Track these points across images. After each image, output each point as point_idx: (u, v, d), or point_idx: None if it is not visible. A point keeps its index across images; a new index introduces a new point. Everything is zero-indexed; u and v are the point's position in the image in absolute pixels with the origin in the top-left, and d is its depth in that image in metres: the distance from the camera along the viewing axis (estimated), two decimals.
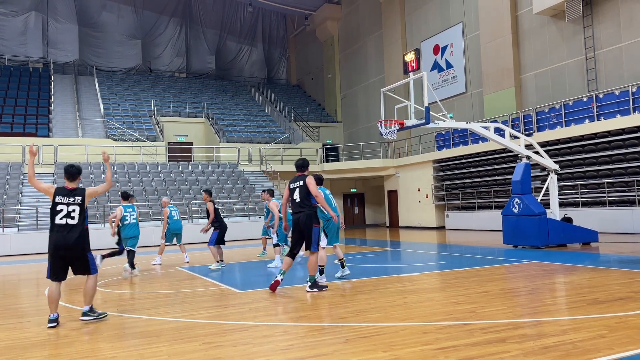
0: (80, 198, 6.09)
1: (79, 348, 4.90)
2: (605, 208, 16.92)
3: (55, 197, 6.05)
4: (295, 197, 7.75)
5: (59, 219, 5.99)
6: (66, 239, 5.95)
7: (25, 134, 26.92)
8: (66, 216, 5.99)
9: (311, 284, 7.63)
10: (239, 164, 28.76)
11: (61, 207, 6.01)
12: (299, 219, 7.64)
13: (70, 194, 6.09)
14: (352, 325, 5.36)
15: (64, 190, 6.13)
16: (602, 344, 4.29)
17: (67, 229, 5.98)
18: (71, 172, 6.26)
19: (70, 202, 6.04)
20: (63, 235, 5.97)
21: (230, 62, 43.65)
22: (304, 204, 7.64)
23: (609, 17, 18.91)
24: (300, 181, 7.75)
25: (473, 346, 4.37)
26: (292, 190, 7.81)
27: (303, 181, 7.71)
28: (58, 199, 6.03)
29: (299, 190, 7.70)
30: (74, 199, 6.06)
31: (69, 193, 6.10)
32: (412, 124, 12.39)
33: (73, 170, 6.27)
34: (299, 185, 7.74)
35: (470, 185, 23.07)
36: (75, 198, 6.07)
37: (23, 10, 36.71)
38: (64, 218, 5.99)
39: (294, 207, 7.77)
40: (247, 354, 4.47)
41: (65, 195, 6.07)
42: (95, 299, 7.90)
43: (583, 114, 18.30)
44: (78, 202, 6.06)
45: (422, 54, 28.52)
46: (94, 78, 35.82)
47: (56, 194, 6.07)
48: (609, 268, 8.85)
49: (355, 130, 35.30)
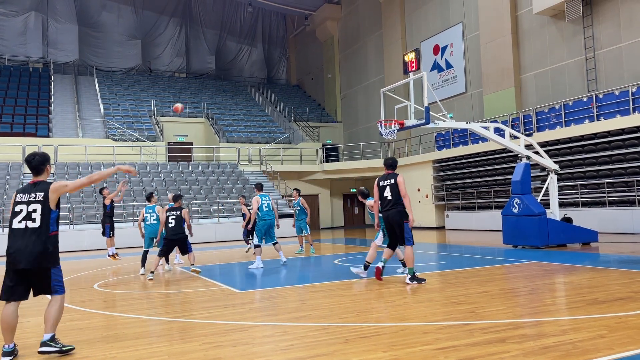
0: (43, 194, 4.62)
1: (79, 348, 4.89)
2: (605, 208, 16.92)
3: (15, 196, 4.71)
4: (386, 194, 8.06)
5: (17, 222, 4.59)
6: (25, 247, 4.52)
7: (25, 134, 26.92)
8: (25, 218, 4.60)
9: (411, 276, 7.93)
10: (239, 164, 28.77)
11: (20, 207, 4.62)
12: (389, 216, 8.00)
13: (31, 190, 4.69)
14: (352, 325, 5.36)
15: (25, 186, 4.78)
16: (602, 344, 4.29)
17: (27, 234, 4.55)
18: (32, 162, 4.79)
19: (31, 199, 4.62)
20: (22, 243, 4.53)
21: (230, 62, 43.66)
22: (394, 202, 7.97)
23: (609, 17, 18.91)
24: (391, 179, 8.07)
25: (473, 346, 4.37)
26: (382, 188, 8.11)
27: (394, 179, 8.04)
28: (18, 197, 4.67)
29: (390, 188, 8.03)
30: (35, 195, 4.63)
31: (30, 188, 4.71)
32: (412, 124, 12.39)
33: (35, 160, 4.79)
34: (389, 183, 8.07)
35: (470, 185, 23.07)
36: (37, 194, 4.63)
37: (23, 10, 36.71)
38: (22, 221, 4.59)
39: (385, 204, 8.08)
40: (247, 354, 4.47)
41: (26, 192, 4.68)
42: (96, 299, 7.90)
43: (583, 114, 18.30)
44: (39, 199, 4.62)
45: (422, 54, 28.52)
46: (94, 78, 35.82)
47: (17, 192, 4.75)
48: (609, 268, 8.85)
49: (355, 131, 35.30)
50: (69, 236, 19.77)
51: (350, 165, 28.80)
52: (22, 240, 4.53)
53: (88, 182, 4.94)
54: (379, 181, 8.24)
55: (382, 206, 8.15)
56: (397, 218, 7.94)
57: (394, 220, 7.97)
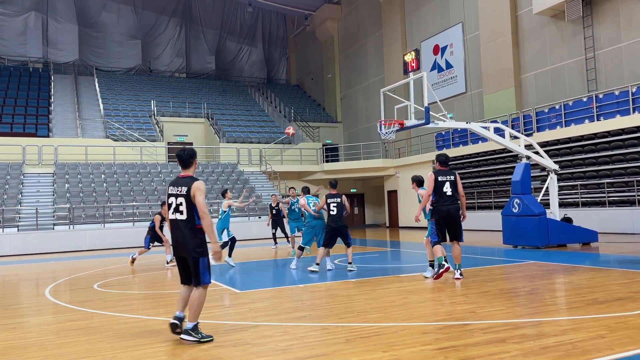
0: (187, 189, 4.97)
1: (79, 348, 4.90)
2: (605, 208, 16.92)
3: (168, 188, 5.16)
4: (445, 189, 8.11)
5: (171, 214, 5.06)
6: (178, 238, 5.03)
7: (25, 134, 26.92)
8: (175, 210, 5.02)
9: (460, 271, 8.15)
10: (239, 164, 28.77)
11: (171, 200, 5.06)
12: (450, 210, 8.08)
13: (178, 184, 5.06)
14: (352, 325, 5.36)
15: (175, 179, 5.17)
16: (602, 344, 4.29)
17: (178, 226, 5.02)
18: (183, 157, 5.19)
19: (178, 192, 5.01)
20: (176, 233, 5.04)
21: (230, 62, 43.66)
22: (456, 197, 8.13)
23: (609, 17, 18.91)
24: (450, 176, 8.19)
25: (473, 346, 4.37)
26: (442, 183, 8.12)
27: (454, 177, 8.21)
28: (170, 189, 5.10)
29: (450, 184, 8.13)
30: (181, 189, 5.00)
31: (178, 182, 5.08)
32: (412, 124, 12.38)
33: (185, 154, 5.19)
34: (449, 179, 8.16)
35: (470, 185, 23.07)
36: (182, 188, 5.00)
37: (23, 10, 36.71)
38: (174, 213, 5.03)
39: (445, 200, 8.09)
40: (247, 354, 4.48)
41: (176, 185, 5.08)
42: (96, 299, 7.90)
43: (583, 114, 18.31)
44: (184, 192, 4.98)
45: (422, 54, 28.53)
46: (93, 78, 35.82)
47: (169, 184, 5.17)
48: (609, 268, 8.85)
49: (355, 131, 35.30)
50: (69, 236, 19.78)
51: (350, 165, 28.80)
52: (176, 231, 5.00)
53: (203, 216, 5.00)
54: (437, 176, 8.16)
55: (441, 201, 8.11)
56: (457, 213, 8.12)
57: (455, 215, 8.10)
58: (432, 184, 8.14)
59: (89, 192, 22.57)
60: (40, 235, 19.58)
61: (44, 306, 7.54)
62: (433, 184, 8.13)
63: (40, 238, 19.51)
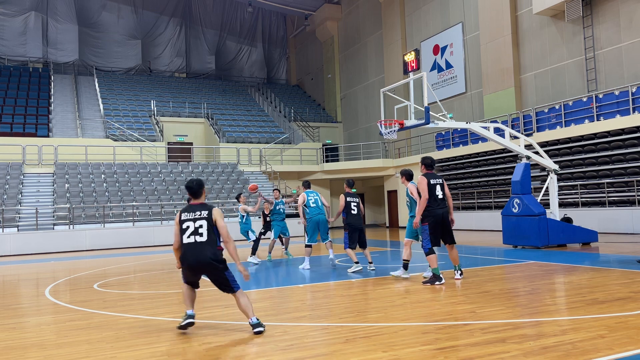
0: (207, 212, 5.42)
1: (79, 348, 4.90)
2: (604, 208, 16.92)
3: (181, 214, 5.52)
4: (437, 193, 8.00)
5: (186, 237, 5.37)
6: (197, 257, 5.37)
7: (25, 134, 26.92)
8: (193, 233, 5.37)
9: (434, 276, 7.91)
10: (239, 164, 28.77)
11: (187, 224, 5.39)
12: (444, 214, 8.00)
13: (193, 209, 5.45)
14: (352, 325, 5.36)
15: (189, 206, 5.55)
16: (602, 344, 4.29)
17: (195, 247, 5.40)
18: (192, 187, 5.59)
19: (197, 217, 5.40)
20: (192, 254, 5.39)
21: (230, 62, 43.66)
22: (445, 200, 8.07)
23: (609, 17, 18.91)
24: (439, 179, 8.12)
25: (473, 346, 4.37)
26: (434, 187, 7.98)
27: (442, 180, 8.18)
28: (184, 215, 5.47)
29: (440, 187, 8.05)
30: (199, 213, 5.41)
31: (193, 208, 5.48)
32: (412, 124, 12.39)
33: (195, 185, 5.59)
34: (439, 182, 8.08)
35: (470, 185, 23.07)
36: (201, 212, 5.42)
37: (23, 10, 36.71)
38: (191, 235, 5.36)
39: (438, 203, 7.97)
40: (247, 354, 4.48)
41: (191, 211, 5.45)
42: (96, 299, 7.91)
43: (583, 114, 18.31)
44: (204, 216, 5.40)
45: (422, 54, 28.53)
46: (93, 78, 35.82)
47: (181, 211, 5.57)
48: (609, 268, 8.85)
49: (355, 131, 35.30)
50: (69, 236, 19.78)
51: (350, 165, 28.79)
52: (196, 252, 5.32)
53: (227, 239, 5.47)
54: (428, 179, 7.97)
55: (435, 205, 7.92)
56: (448, 217, 8.07)
57: (447, 218, 8.04)
58: (426, 188, 7.90)
59: (89, 192, 22.57)
60: (40, 235, 19.58)
61: (44, 306, 7.54)
62: (427, 188, 7.91)
63: (40, 238, 19.51)
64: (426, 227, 7.93)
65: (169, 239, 19.39)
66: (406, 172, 8.68)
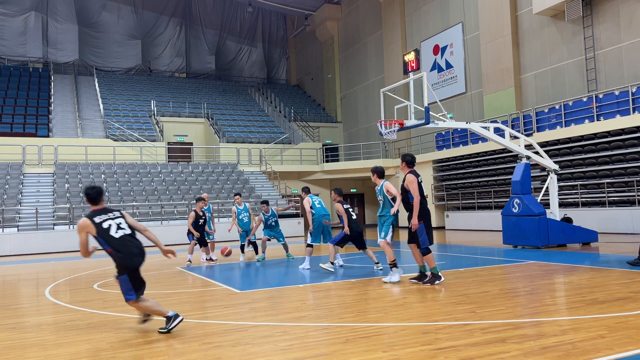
0: (119, 212, 5.72)
1: (79, 348, 4.90)
2: (604, 208, 16.93)
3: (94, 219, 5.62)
4: (424, 191, 7.88)
5: (114, 233, 5.55)
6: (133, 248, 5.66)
7: (25, 134, 26.92)
8: (118, 228, 5.58)
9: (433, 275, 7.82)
10: (239, 164, 28.76)
11: (108, 223, 5.55)
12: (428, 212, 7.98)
13: (106, 212, 5.64)
14: (352, 325, 5.36)
15: (99, 211, 5.64)
16: (602, 344, 4.29)
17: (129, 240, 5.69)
18: (91, 195, 5.68)
19: (114, 216, 5.63)
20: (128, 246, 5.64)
21: (230, 62, 43.66)
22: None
23: (609, 17, 18.91)
24: (419, 177, 7.94)
25: (473, 346, 4.37)
26: (420, 184, 7.84)
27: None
28: (100, 217, 5.59)
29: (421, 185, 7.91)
30: (113, 214, 5.65)
31: (105, 211, 5.65)
32: (412, 124, 12.39)
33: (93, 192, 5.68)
34: (421, 180, 7.96)
35: (470, 185, 23.07)
36: (114, 213, 5.67)
37: (23, 10, 36.71)
38: (118, 230, 5.56)
39: (426, 201, 7.86)
40: (247, 354, 4.48)
41: (105, 213, 5.62)
42: (96, 299, 7.91)
43: (583, 114, 18.30)
44: (119, 215, 5.67)
45: (422, 54, 28.53)
46: (93, 78, 35.83)
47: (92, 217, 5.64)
48: (609, 268, 8.85)
49: (355, 131, 35.30)
50: (69, 236, 19.77)
51: (350, 165, 28.79)
52: (130, 245, 5.60)
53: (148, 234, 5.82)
54: (417, 177, 7.84)
55: (424, 202, 7.80)
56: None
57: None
58: (417, 187, 7.76)
59: None
60: (40, 235, 19.58)
61: (44, 306, 7.55)
62: (417, 186, 7.78)
63: (40, 238, 19.51)
64: (422, 225, 7.75)
65: (169, 239, 19.40)
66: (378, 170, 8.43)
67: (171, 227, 20.76)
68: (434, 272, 7.84)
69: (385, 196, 8.18)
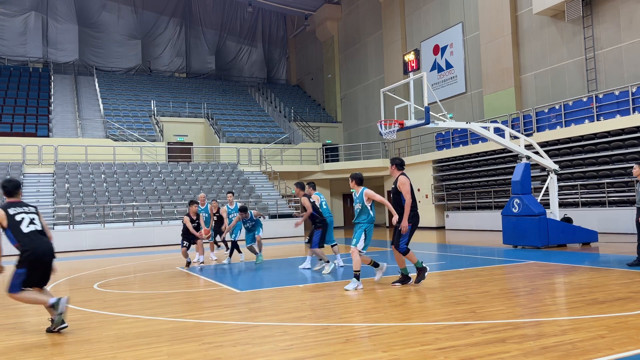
0: (34, 208, 5.93)
1: (79, 348, 4.90)
2: (605, 208, 16.93)
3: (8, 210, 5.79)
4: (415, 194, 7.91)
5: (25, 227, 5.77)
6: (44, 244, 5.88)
7: (25, 134, 26.92)
8: (30, 223, 5.80)
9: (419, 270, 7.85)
10: (239, 164, 28.77)
11: (21, 216, 5.73)
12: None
13: (21, 205, 5.84)
14: (352, 325, 5.36)
15: (14, 202, 5.83)
16: (602, 344, 4.29)
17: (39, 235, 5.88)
18: (7, 187, 5.85)
19: (29, 211, 5.83)
20: (39, 242, 5.85)
21: (230, 62, 43.67)
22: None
23: (609, 17, 18.91)
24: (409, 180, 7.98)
25: (473, 346, 4.37)
26: (411, 187, 7.84)
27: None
28: (14, 209, 5.77)
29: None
30: (28, 208, 5.86)
31: (21, 204, 5.85)
32: (412, 124, 12.39)
33: (10, 185, 5.85)
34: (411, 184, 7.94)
35: (470, 186, 23.07)
36: (29, 208, 5.87)
37: (23, 10, 36.71)
38: (29, 225, 5.75)
39: (416, 204, 7.92)
40: (247, 354, 4.47)
41: (20, 206, 5.82)
42: (96, 299, 7.91)
43: (583, 114, 18.30)
44: (34, 211, 5.89)
45: (422, 54, 28.53)
46: (93, 78, 35.83)
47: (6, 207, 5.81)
48: (609, 268, 8.85)
49: (355, 131, 35.30)
50: (69, 236, 19.77)
51: (350, 165, 28.78)
52: (41, 242, 5.78)
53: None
54: (410, 181, 7.83)
55: (415, 205, 7.79)
56: None
57: None
58: (410, 189, 7.70)
59: (89, 192, 22.57)
60: None
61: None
62: (410, 189, 7.72)
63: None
64: (410, 228, 7.70)
65: (169, 238, 19.40)
66: (357, 177, 8.05)
67: (171, 227, 20.75)
68: (417, 266, 7.81)
69: (363, 203, 7.87)
